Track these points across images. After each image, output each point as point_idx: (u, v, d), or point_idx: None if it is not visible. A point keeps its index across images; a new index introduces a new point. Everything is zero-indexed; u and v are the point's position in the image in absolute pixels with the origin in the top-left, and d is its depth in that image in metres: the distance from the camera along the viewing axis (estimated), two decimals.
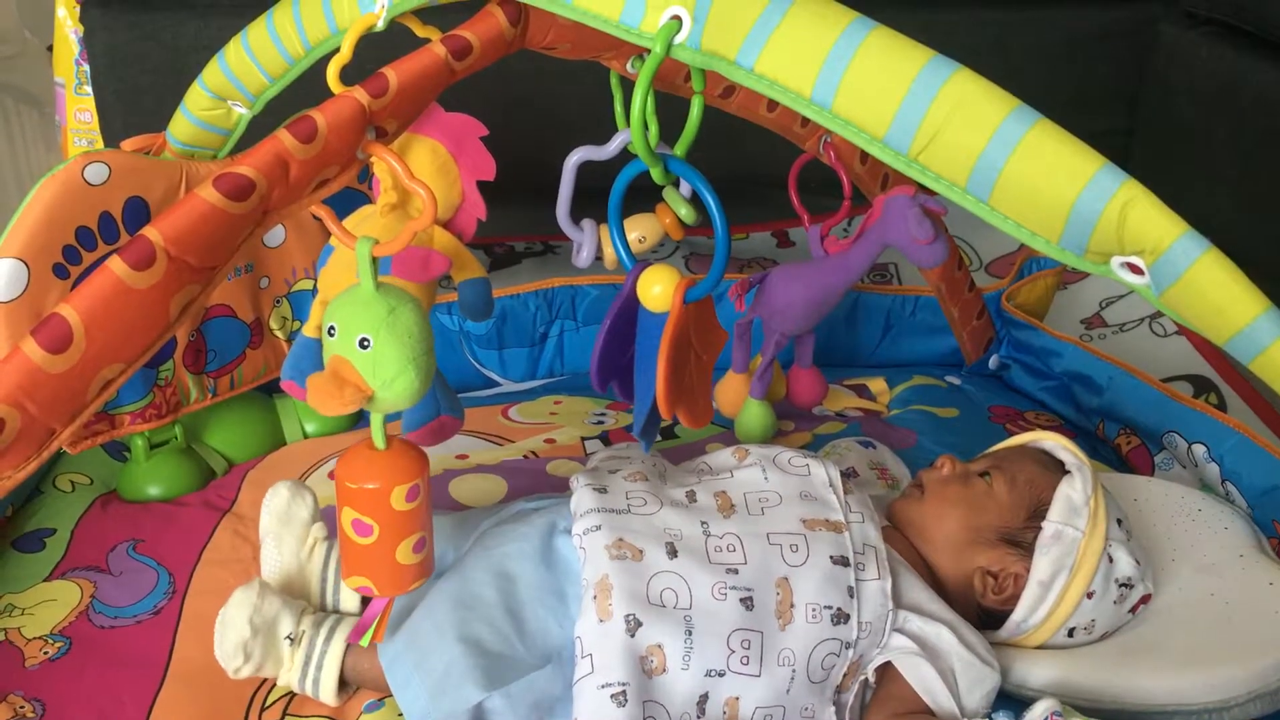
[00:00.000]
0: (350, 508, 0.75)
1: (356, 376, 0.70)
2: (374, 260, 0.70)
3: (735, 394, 1.18)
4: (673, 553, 0.84)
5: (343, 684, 0.88)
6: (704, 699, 0.81)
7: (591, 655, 0.80)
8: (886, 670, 0.84)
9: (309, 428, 1.26)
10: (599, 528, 0.85)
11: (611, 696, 0.79)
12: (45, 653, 0.93)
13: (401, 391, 0.71)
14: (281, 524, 0.92)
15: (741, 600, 0.82)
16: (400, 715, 0.85)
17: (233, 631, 0.86)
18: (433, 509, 0.79)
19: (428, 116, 0.85)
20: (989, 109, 0.61)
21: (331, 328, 0.71)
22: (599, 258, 1.02)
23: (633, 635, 0.80)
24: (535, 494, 0.99)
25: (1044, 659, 0.89)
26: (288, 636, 0.87)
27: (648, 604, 0.81)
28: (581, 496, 0.89)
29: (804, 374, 1.20)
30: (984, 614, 0.91)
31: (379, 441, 0.75)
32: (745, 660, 0.81)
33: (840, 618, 0.83)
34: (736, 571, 0.83)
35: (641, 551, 0.84)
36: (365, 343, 0.69)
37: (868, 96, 0.62)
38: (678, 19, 0.66)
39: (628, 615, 0.81)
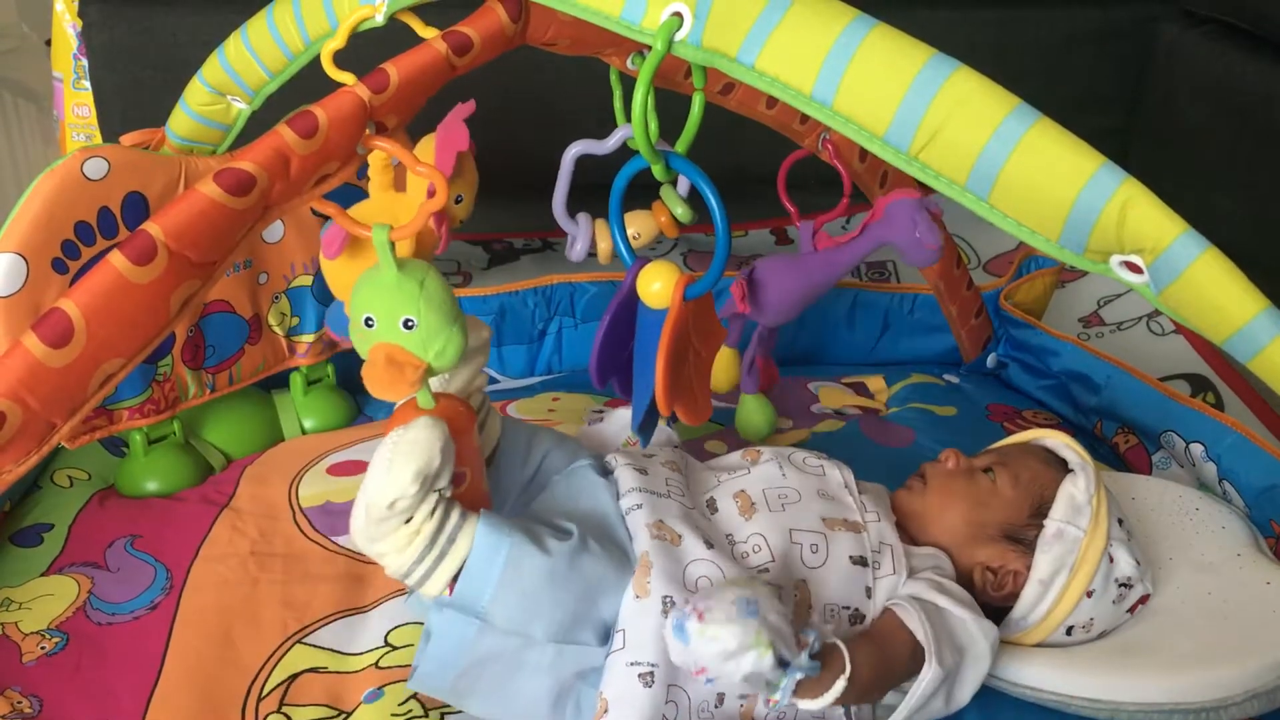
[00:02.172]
0: None
1: (411, 357, 0.72)
2: (391, 245, 0.71)
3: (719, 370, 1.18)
4: (709, 544, 0.84)
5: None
6: (724, 694, 0.81)
7: (624, 630, 0.80)
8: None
9: (307, 423, 1.26)
10: (640, 506, 0.86)
11: (639, 676, 0.79)
12: (42, 648, 0.93)
13: (453, 354, 0.73)
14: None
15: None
16: (400, 705, 0.86)
17: (423, 452, 0.72)
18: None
19: None
20: (989, 107, 0.61)
21: (369, 319, 0.72)
22: (593, 253, 1.02)
23: (667, 617, 0.80)
24: (582, 449, 0.95)
25: (1042, 657, 0.89)
26: (439, 490, 0.75)
27: (684, 589, 0.81)
28: (623, 475, 0.89)
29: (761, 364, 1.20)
30: (983, 610, 0.91)
31: (427, 402, 0.76)
32: None
33: (857, 618, 0.84)
34: (767, 570, 0.84)
35: (680, 537, 0.84)
36: (410, 323, 0.71)
37: (868, 94, 0.63)
38: (679, 16, 0.66)
39: (665, 596, 0.80)
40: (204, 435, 1.20)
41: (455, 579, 0.77)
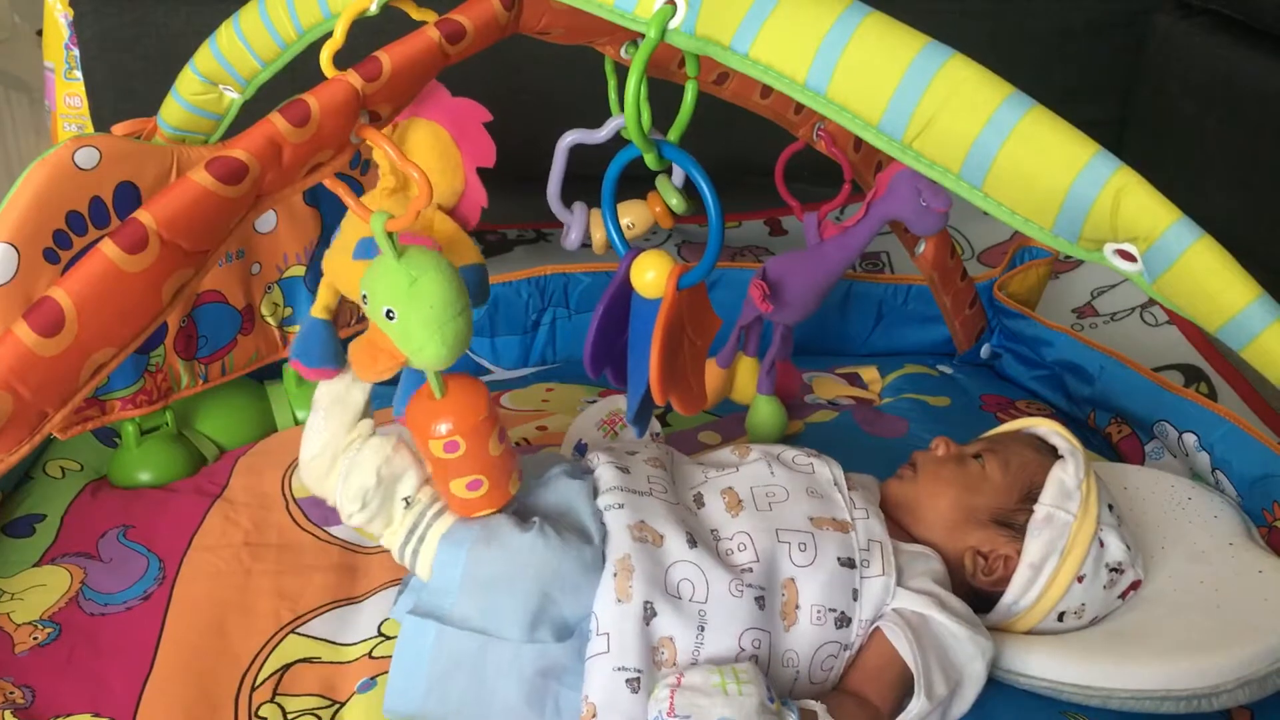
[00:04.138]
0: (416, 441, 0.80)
1: (389, 345, 0.72)
2: (390, 233, 0.70)
3: (707, 384, 1.18)
4: (692, 542, 0.84)
5: None
6: None
7: (609, 634, 0.80)
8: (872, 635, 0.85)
9: (300, 414, 1.26)
10: (621, 506, 0.85)
11: (627, 681, 0.79)
12: (35, 638, 0.93)
13: (431, 357, 0.72)
14: (333, 401, 0.88)
15: (756, 598, 0.82)
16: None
17: (359, 476, 0.82)
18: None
19: (432, 98, 0.85)
20: (983, 95, 0.61)
21: (365, 296, 0.72)
22: (587, 242, 1.02)
23: (648, 623, 0.80)
24: (565, 462, 0.96)
25: (1034, 645, 0.89)
26: (405, 498, 0.84)
27: (665, 593, 0.81)
28: (604, 472, 0.89)
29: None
30: (974, 596, 0.91)
31: (436, 390, 0.77)
32: (754, 660, 0.81)
33: (843, 621, 0.83)
34: (750, 570, 0.83)
35: (662, 537, 0.84)
36: (390, 314, 0.71)
37: (862, 82, 0.62)
38: (672, 4, 0.66)
39: (646, 602, 0.80)
40: (197, 426, 1.20)
41: None
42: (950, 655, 0.83)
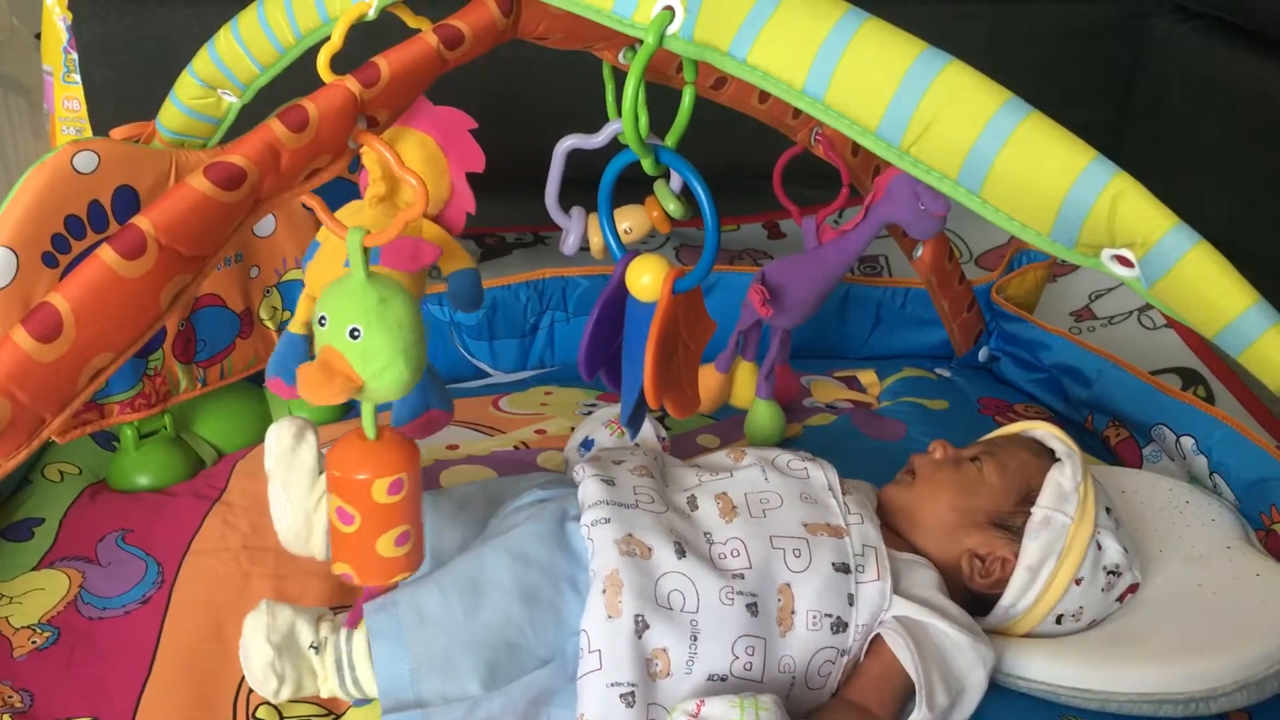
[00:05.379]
0: (335, 494, 0.75)
1: (346, 367, 0.69)
2: (365, 250, 0.69)
3: (706, 389, 1.18)
4: (681, 552, 0.83)
5: None
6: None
7: (600, 651, 0.80)
8: (874, 643, 0.85)
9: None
10: (608, 520, 0.85)
11: (621, 696, 0.78)
12: (33, 642, 0.93)
13: (391, 382, 0.71)
14: (286, 469, 0.88)
15: (748, 605, 0.82)
16: None
17: (256, 655, 0.80)
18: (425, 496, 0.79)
19: (416, 109, 0.85)
20: (981, 102, 0.61)
21: (322, 318, 0.70)
22: (585, 246, 1.02)
23: (640, 636, 0.80)
24: (550, 482, 0.96)
25: (1033, 648, 0.89)
26: (311, 645, 0.82)
27: (656, 605, 0.81)
28: (588, 487, 0.88)
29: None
30: (972, 599, 0.91)
31: (369, 432, 0.75)
32: (749, 666, 0.81)
33: (839, 626, 0.83)
34: (742, 576, 0.83)
35: (650, 549, 0.83)
36: (355, 333, 0.69)
37: (860, 88, 0.62)
38: (670, 10, 0.66)
39: (636, 615, 0.80)
40: (195, 429, 1.20)
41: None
42: (951, 664, 0.83)
